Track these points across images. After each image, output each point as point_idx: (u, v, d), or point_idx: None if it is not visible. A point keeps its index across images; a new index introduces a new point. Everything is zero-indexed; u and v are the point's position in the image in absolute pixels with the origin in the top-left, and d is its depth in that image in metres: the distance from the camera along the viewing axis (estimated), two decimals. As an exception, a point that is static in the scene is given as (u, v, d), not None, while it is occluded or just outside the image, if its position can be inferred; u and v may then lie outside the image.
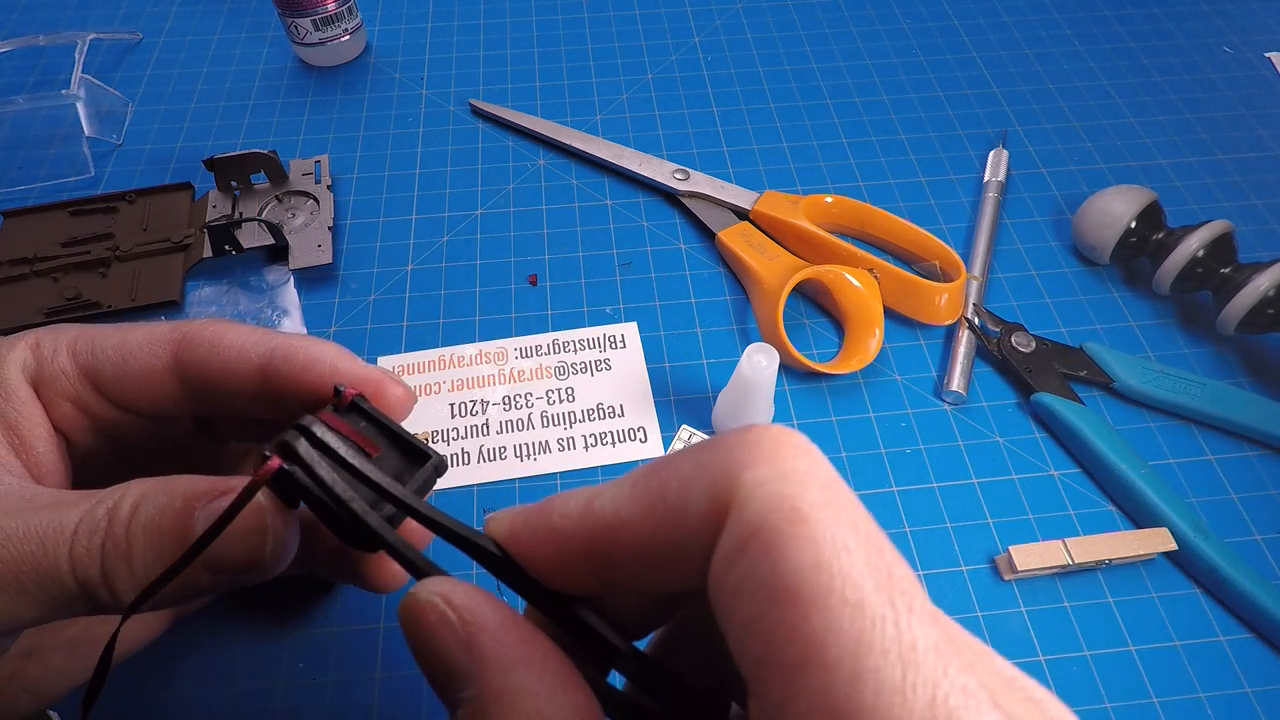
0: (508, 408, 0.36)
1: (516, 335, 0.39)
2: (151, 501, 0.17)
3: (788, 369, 0.37)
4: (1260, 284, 0.35)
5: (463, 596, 0.14)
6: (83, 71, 0.46)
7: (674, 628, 0.17)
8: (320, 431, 0.17)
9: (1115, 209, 0.39)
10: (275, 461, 0.17)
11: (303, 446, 0.17)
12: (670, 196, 0.44)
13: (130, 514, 0.17)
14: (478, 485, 0.34)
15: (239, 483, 0.18)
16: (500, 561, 0.15)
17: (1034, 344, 0.37)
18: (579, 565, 0.15)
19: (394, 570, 0.24)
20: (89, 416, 0.21)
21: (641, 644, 0.17)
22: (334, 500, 0.17)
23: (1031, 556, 0.31)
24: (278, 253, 0.41)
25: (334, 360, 0.21)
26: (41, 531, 0.17)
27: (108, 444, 0.22)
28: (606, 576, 0.14)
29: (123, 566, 0.17)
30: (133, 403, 0.21)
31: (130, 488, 0.18)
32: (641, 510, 0.13)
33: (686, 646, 0.17)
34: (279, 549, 0.18)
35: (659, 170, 0.44)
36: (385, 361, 0.38)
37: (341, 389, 0.19)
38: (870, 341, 0.37)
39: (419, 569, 0.16)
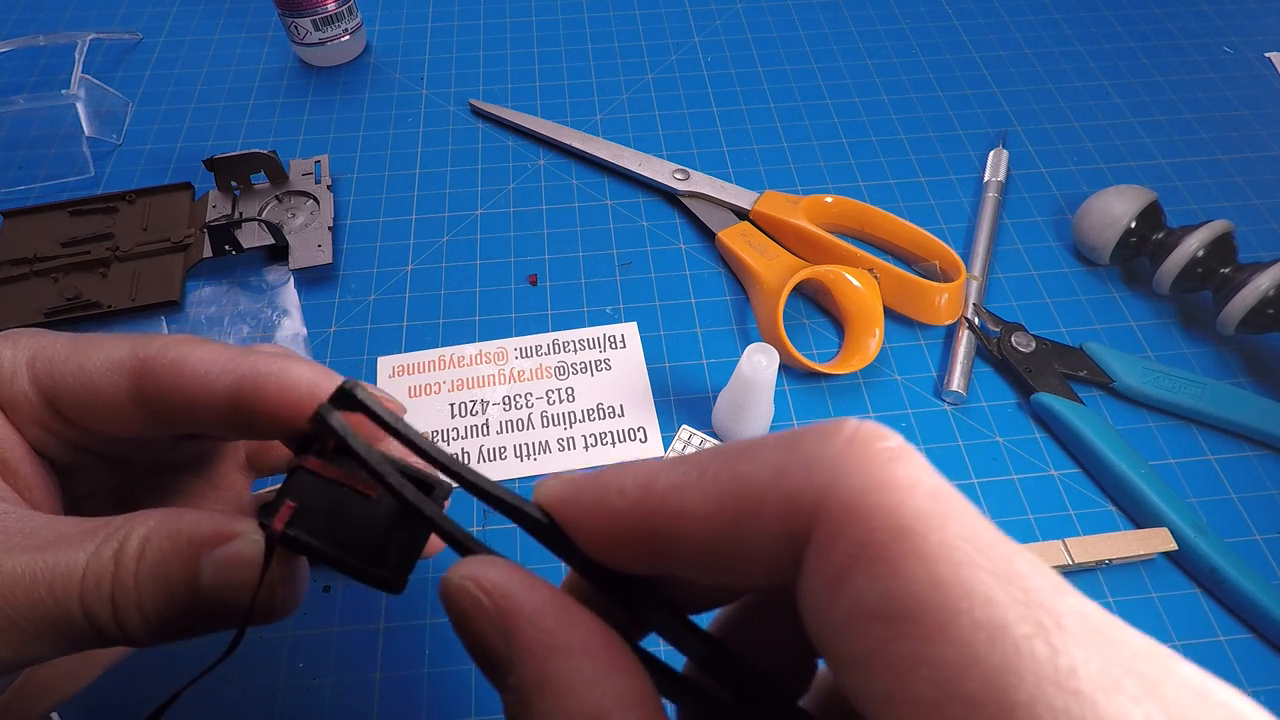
0: (508, 408, 0.36)
1: (516, 335, 0.39)
2: (156, 545, 0.17)
3: (788, 369, 0.37)
4: (1260, 284, 0.35)
5: (496, 579, 0.13)
6: (83, 71, 0.46)
7: (748, 601, 0.16)
8: (308, 483, 0.17)
9: (1115, 209, 0.39)
10: (266, 545, 0.17)
11: (290, 530, 0.16)
12: (670, 196, 0.44)
13: (137, 557, 0.17)
14: (478, 485, 0.34)
15: (243, 526, 0.17)
16: (547, 529, 0.15)
17: (1034, 344, 0.37)
18: (631, 547, 0.13)
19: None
20: (56, 438, 0.20)
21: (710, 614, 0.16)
22: (334, 564, 0.17)
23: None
24: (278, 253, 0.41)
25: (311, 385, 0.19)
26: (50, 577, 0.16)
27: (87, 456, 0.21)
28: (659, 563, 0.13)
29: (134, 612, 0.17)
30: (97, 428, 0.20)
31: (135, 524, 0.17)
32: (708, 507, 0.12)
33: (759, 621, 0.16)
34: (288, 597, 0.18)
35: (659, 170, 0.44)
36: (385, 361, 0.38)
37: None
38: (870, 341, 0.37)
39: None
